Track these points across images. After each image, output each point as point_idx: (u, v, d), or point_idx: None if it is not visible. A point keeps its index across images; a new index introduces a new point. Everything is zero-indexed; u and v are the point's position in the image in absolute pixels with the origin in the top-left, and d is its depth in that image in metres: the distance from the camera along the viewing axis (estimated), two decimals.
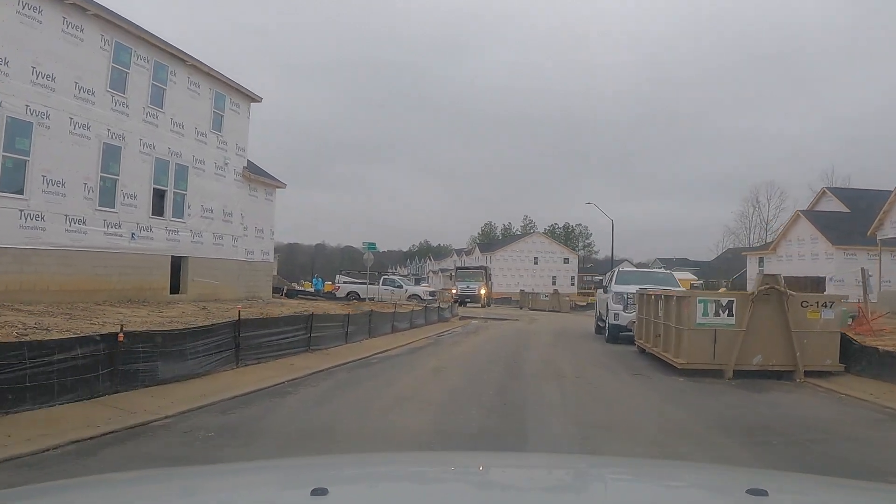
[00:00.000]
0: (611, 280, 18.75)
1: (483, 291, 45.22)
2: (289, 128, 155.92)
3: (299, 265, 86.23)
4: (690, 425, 7.17)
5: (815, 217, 40.90)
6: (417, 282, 71.30)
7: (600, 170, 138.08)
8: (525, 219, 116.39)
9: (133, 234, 19.59)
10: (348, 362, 11.59)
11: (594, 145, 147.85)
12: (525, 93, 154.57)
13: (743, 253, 51.80)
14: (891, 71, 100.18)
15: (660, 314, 12.63)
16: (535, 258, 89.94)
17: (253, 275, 26.74)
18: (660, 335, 12.53)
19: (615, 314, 17.01)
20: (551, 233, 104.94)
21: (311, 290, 43.41)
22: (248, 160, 26.88)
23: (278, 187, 28.94)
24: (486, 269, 52.50)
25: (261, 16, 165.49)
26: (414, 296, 38.24)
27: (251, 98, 26.71)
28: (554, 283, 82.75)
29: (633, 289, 16.74)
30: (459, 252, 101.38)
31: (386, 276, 41.46)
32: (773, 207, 65.53)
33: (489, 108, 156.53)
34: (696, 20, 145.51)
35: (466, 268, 57.89)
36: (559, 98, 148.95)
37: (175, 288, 21.98)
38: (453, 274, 54.18)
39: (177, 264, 22.14)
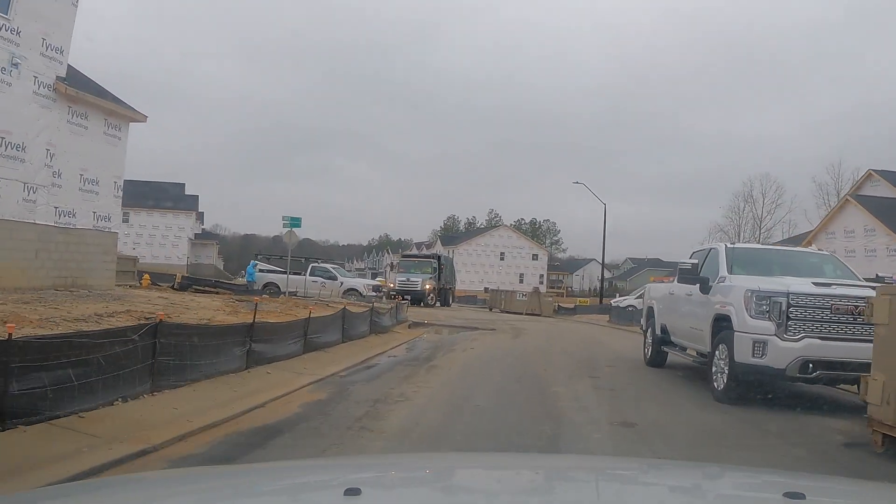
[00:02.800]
0: (711, 265, 8.90)
1: (428, 286, 33.51)
2: (246, 114, 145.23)
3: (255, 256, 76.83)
4: None
5: (871, 204, 31.74)
6: (374, 276, 61.55)
7: (570, 168, 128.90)
8: (490, 212, 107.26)
9: None
10: None
11: (564, 143, 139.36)
12: (494, 87, 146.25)
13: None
14: (889, 67, 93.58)
15: None
16: (502, 253, 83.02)
17: (75, 250, 16.49)
18: None
19: (756, 343, 7.10)
20: (517, 228, 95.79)
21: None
22: (74, 67, 16.62)
23: (133, 120, 18.62)
24: (439, 258, 38.51)
25: None
26: (351, 290, 28.23)
27: None
28: (521, 281, 75.11)
29: (801, 285, 7.14)
30: (419, 245, 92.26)
31: (315, 265, 31.05)
32: (769, 202, 56.74)
33: (456, 102, 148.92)
34: (678, 16, 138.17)
35: (412, 256, 45.06)
36: (529, 94, 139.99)
37: None
38: (393, 263, 41.75)
39: None
